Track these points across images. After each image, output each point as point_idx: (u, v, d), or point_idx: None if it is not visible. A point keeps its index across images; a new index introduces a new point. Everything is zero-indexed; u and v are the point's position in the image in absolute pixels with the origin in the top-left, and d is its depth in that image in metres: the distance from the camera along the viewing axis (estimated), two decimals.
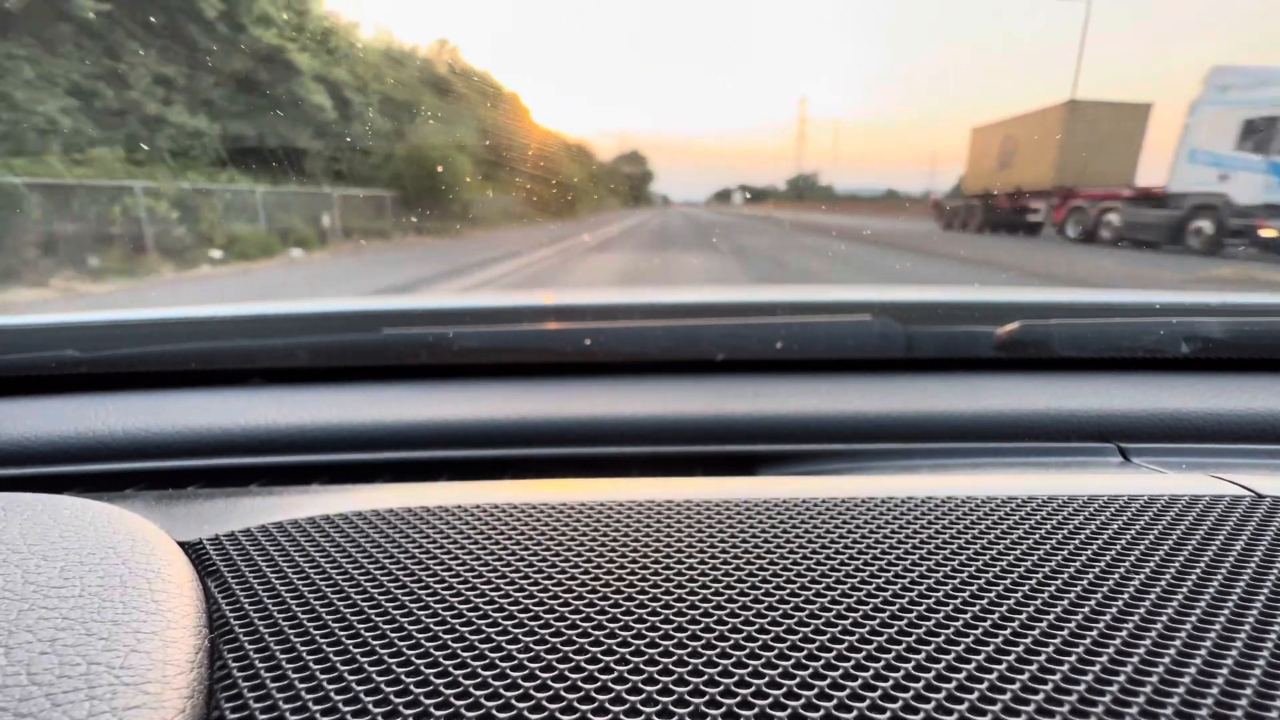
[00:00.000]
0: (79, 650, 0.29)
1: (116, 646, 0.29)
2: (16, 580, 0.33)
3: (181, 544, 0.41)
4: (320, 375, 0.84)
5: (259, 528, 0.44)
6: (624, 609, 0.35)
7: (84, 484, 0.63)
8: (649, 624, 0.34)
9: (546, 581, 0.37)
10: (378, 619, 0.34)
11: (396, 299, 0.99)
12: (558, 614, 0.34)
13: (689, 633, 0.33)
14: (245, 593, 0.37)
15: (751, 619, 0.34)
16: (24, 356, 0.79)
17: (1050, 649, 0.31)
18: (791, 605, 0.35)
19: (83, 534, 0.38)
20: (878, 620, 0.34)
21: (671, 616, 0.34)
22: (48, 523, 0.40)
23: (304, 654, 0.32)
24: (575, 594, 0.36)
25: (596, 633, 0.33)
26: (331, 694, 0.29)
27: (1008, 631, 0.32)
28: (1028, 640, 0.32)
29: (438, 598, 0.36)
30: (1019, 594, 0.35)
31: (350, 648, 0.32)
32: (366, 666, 0.31)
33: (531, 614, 0.34)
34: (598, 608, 0.35)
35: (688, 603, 0.35)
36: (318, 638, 0.33)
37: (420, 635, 0.33)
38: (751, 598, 0.35)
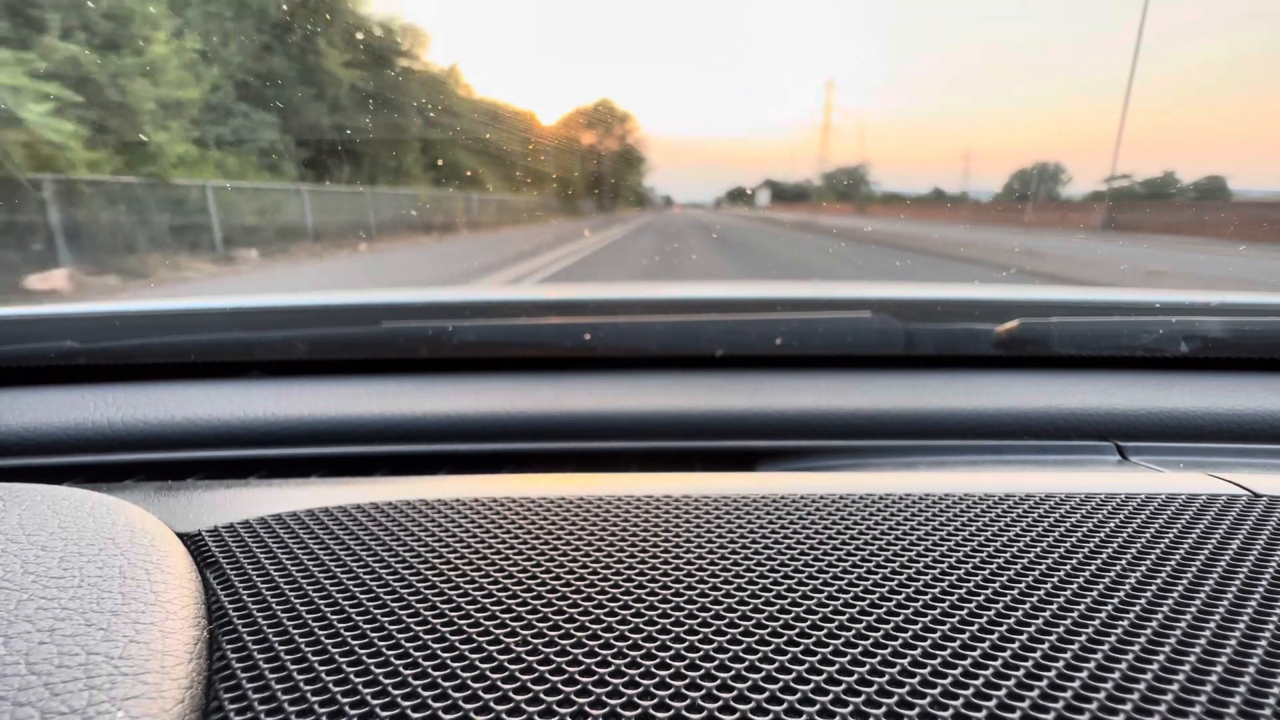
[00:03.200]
0: (78, 640, 0.29)
1: (115, 637, 0.29)
2: (16, 570, 0.34)
3: (181, 535, 0.41)
4: (320, 368, 0.84)
5: (258, 520, 0.44)
6: (622, 603, 0.35)
7: (83, 475, 0.63)
8: (647, 618, 0.34)
9: (545, 575, 0.37)
10: (376, 611, 0.34)
11: (396, 292, 0.98)
12: (556, 608, 0.35)
13: (687, 627, 0.33)
14: (244, 584, 0.37)
15: (749, 614, 0.34)
16: (24, 347, 0.79)
17: (1046, 645, 0.31)
18: (789, 600, 0.35)
19: (82, 525, 0.39)
20: (874, 616, 0.34)
21: (670, 611, 0.34)
22: (47, 513, 0.40)
23: (302, 645, 0.32)
24: (574, 588, 0.36)
25: (594, 626, 0.33)
26: (330, 685, 0.29)
27: (1004, 628, 0.33)
28: (1023, 637, 0.32)
29: (436, 590, 0.36)
30: (1016, 590, 0.35)
31: (348, 639, 0.32)
32: (365, 659, 0.31)
33: (530, 608, 0.35)
34: (596, 602, 0.35)
35: (686, 597, 0.35)
36: (316, 629, 0.33)
37: (418, 628, 0.33)
38: (750, 593, 0.36)
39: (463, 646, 0.32)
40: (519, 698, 0.29)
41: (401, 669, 0.30)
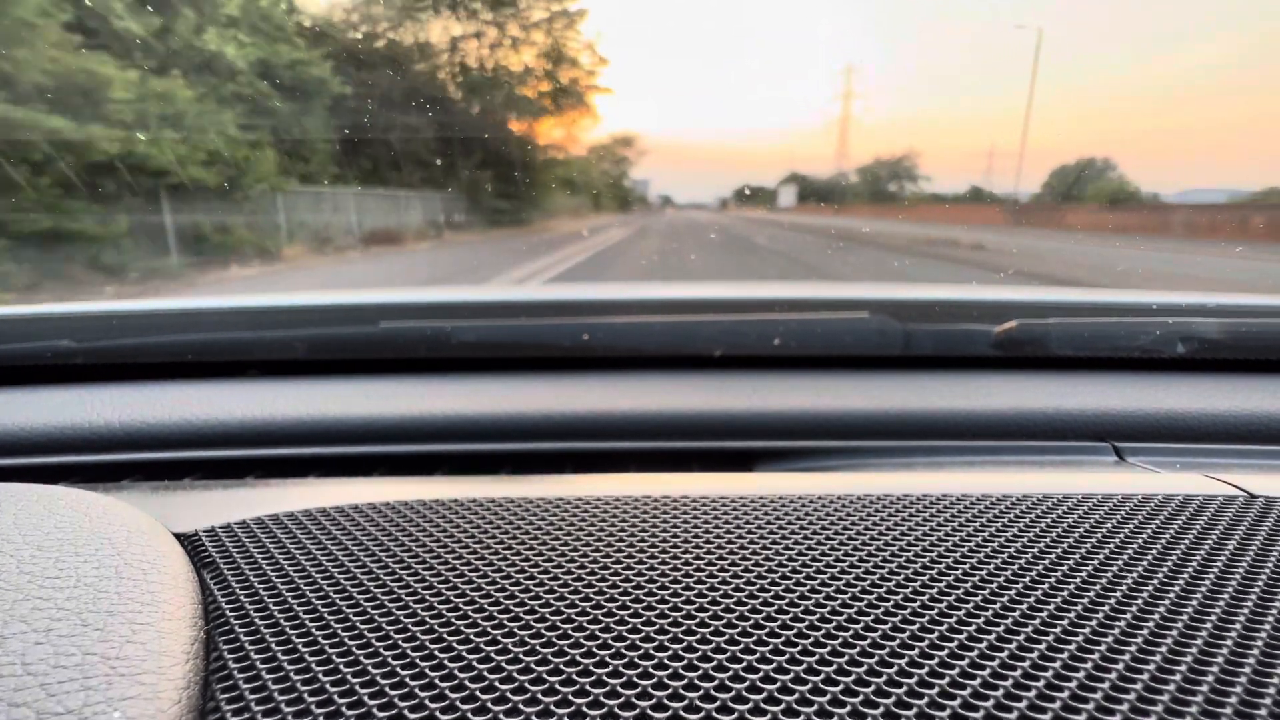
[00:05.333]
0: (74, 641, 0.29)
1: (111, 637, 0.29)
2: (11, 570, 0.33)
3: (177, 535, 0.41)
4: (318, 368, 0.84)
5: (255, 520, 0.44)
6: (620, 604, 0.35)
7: (80, 475, 0.63)
8: (645, 619, 0.34)
9: (543, 576, 0.37)
10: (373, 612, 0.34)
11: (394, 292, 0.98)
12: (554, 608, 0.34)
13: (685, 627, 0.33)
14: (241, 585, 0.37)
15: (748, 614, 0.34)
16: (20, 347, 0.79)
17: (1044, 645, 0.31)
18: (787, 601, 0.35)
19: (78, 525, 0.38)
20: (872, 616, 0.34)
21: (668, 611, 0.34)
22: (43, 513, 0.39)
23: (299, 646, 0.32)
24: (572, 588, 0.36)
25: (592, 627, 0.33)
26: (326, 686, 0.29)
27: (1001, 628, 0.33)
28: (1021, 637, 0.32)
29: (433, 591, 0.36)
30: (1013, 590, 0.36)
31: (346, 640, 0.32)
32: (362, 659, 0.31)
33: (527, 608, 0.34)
34: (594, 602, 0.35)
35: (684, 598, 0.35)
36: (313, 630, 0.33)
37: (416, 628, 0.33)
38: (748, 593, 0.36)
39: (460, 647, 0.32)
40: (516, 698, 0.29)
41: (399, 669, 0.30)
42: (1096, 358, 0.84)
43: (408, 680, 0.29)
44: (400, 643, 0.32)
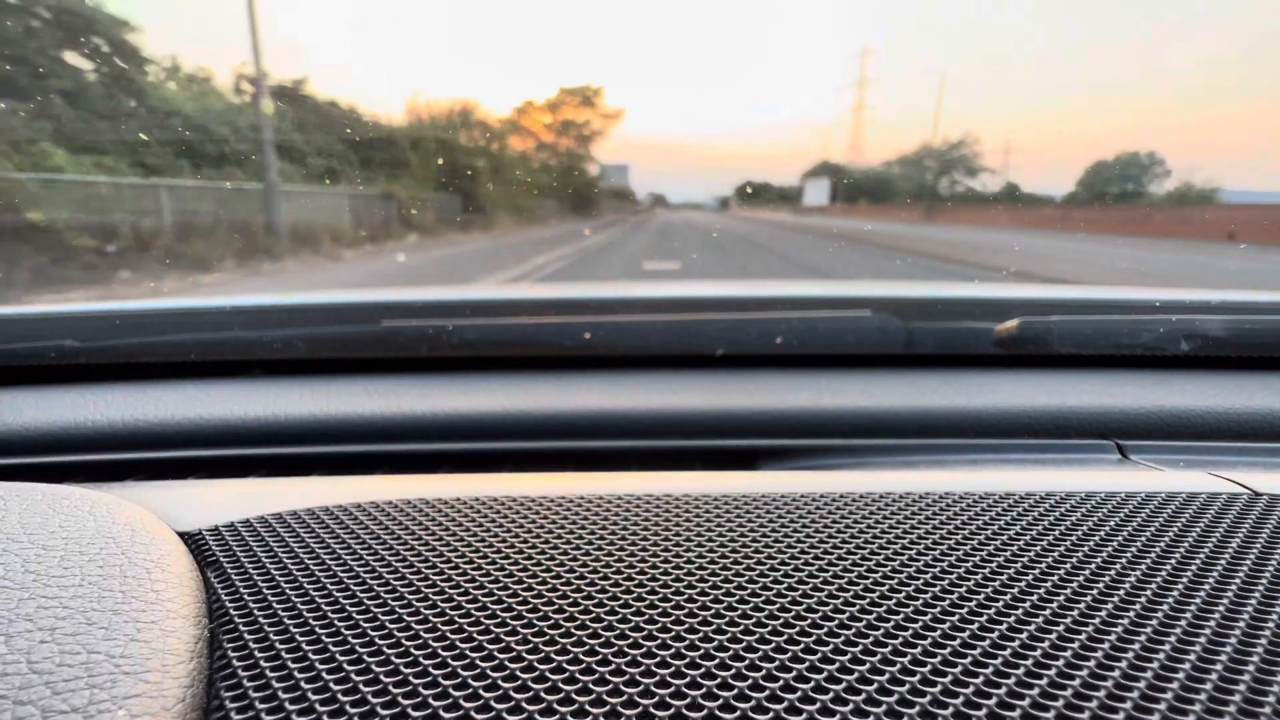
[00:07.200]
0: (79, 639, 0.29)
1: (116, 636, 0.29)
2: (16, 569, 0.34)
3: (181, 534, 0.41)
4: (320, 367, 0.84)
5: (259, 518, 0.44)
6: (623, 602, 0.35)
7: (84, 474, 0.64)
8: (648, 617, 0.34)
9: (545, 574, 0.37)
10: (377, 610, 0.34)
11: (396, 291, 0.99)
12: (556, 606, 0.35)
13: (688, 625, 0.33)
14: (245, 583, 0.37)
15: (750, 613, 0.34)
16: (24, 346, 0.79)
17: (1047, 643, 0.31)
18: (790, 599, 0.35)
19: (83, 523, 0.39)
20: (875, 614, 0.34)
21: (670, 610, 0.34)
22: (48, 512, 0.40)
23: (303, 644, 0.32)
24: (575, 587, 0.36)
25: (595, 625, 0.33)
26: (331, 684, 0.29)
27: (1005, 626, 0.33)
28: (1024, 635, 0.32)
29: (436, 589, 0.36)
30: (1016, 589, 0.35)
31: (349, 638, 0.32)
32: (365, 657, 0.31)
33: (530, 606, 0.35)
34: (596, 600, 0.35)
35: (686, 596, 0.35)
36: (317, 628, 0.33)
37: (419, 626, 0.33)
38: (750, 592, 0.36)
39: (463, 645, 0.32)
40: (519, 696, 0.29)
41: (402, 668, 0.30)
42: (1099, 355, 0.83)
43: (411, 679, 0.29)
44: (403, 640, 0.32)
